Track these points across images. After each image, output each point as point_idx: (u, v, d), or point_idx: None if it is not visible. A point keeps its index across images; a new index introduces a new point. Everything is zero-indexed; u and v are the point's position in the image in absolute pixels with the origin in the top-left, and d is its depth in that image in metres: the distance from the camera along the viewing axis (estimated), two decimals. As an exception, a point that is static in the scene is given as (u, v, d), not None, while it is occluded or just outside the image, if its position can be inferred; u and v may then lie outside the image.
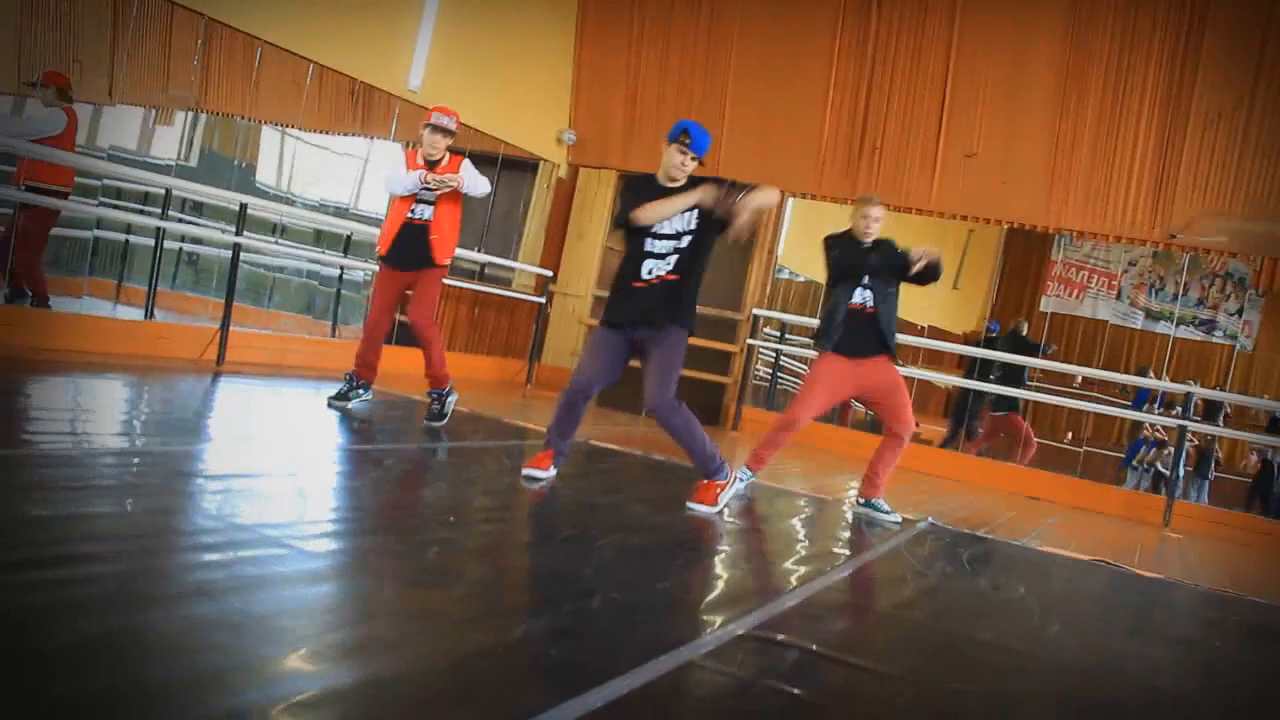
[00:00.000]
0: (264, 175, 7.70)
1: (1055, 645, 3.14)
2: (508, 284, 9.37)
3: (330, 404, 5.22)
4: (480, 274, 8.92)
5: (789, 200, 9.05)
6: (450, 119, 5.18)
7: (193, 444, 3.88)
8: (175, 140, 7.00)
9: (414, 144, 5.39)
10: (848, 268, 4.70)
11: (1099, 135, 7.77)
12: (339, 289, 8.38)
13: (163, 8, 6.15)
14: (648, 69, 9.27)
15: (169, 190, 6.62)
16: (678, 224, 4.05)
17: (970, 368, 9.15)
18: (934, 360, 10.41)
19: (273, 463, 3.78)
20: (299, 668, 1.85)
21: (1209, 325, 10.83)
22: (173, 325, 6.27)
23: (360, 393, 5.30)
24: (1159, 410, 10.04)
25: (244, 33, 6.51)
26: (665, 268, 4.04)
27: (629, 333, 4.09)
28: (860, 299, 4.69)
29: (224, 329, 6.08)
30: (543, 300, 9.32)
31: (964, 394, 9.08)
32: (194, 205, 7.16)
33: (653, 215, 3.99)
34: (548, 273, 9.42)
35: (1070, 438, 11.10)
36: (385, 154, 8.39)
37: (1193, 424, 7.53)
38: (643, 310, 4.04)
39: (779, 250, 9.17)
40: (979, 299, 11.77)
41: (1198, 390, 7.61)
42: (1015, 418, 8.80)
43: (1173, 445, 7.60)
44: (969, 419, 9.11)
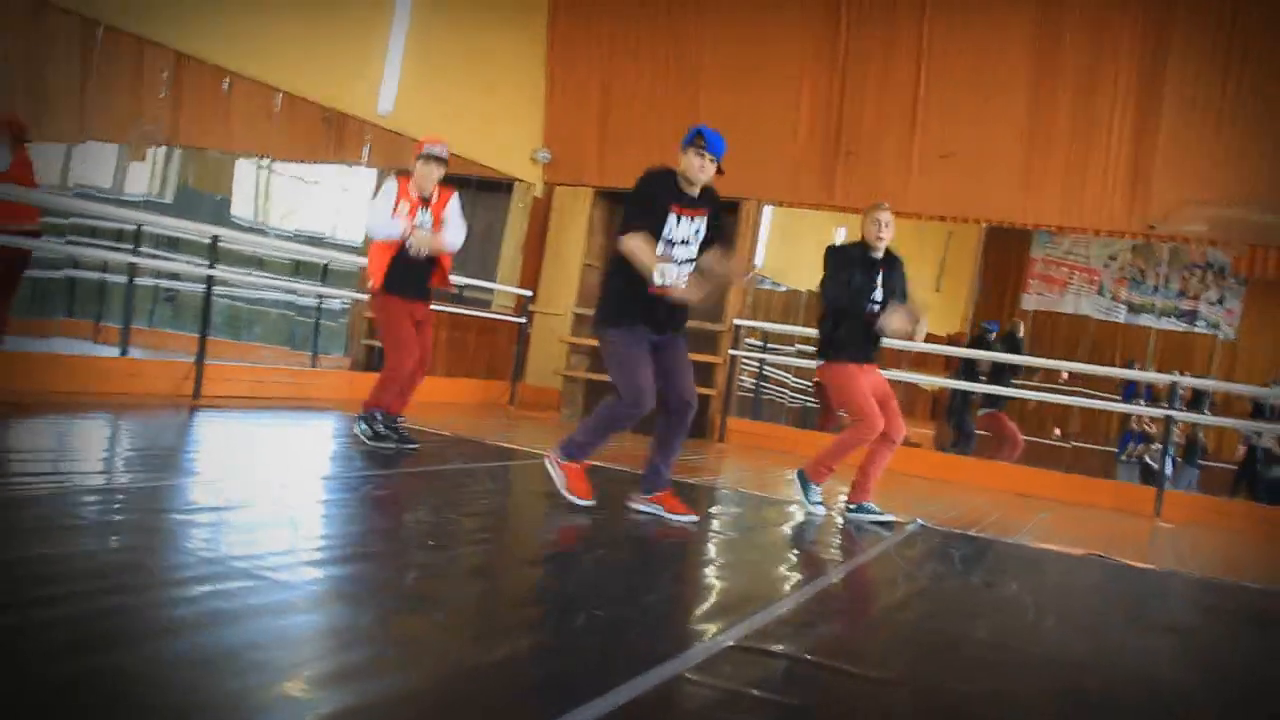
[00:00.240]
0: (240, 208, 7.65)
1: (1051, 640, 3.10)
2: (487, 305, 9.32)
3: (403, 451, 5.10)
4: (459, 296, 8.87)
5: (765, 209, 9.04)
6: (443, 147, 5.12)
7: (164, 479, 3.81)
8: (150, 176, 6.95)
9: (389, 172, 5.32)
10: (859, 294, 4.77)
11: (1073, 129, 7.80)
12: (318, 319, 8.31)
13: (129, 43, 6.10)
14: (619, 84, 9.27)
15: (139, 226, 6.56)
16: (690, 229, 4.02)
17: (962, 369, 9.15)
18: (920, 363, 10.40)
19: (243, 494, 3.71)
20: (276, 700, 1.79)
21: (1190, 316, 10.86)
22: (147, 361, 6.20)
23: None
24: (1145, 403, 10.05)
25: (212, 64, 6.47)
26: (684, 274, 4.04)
27: (654, 339, 4.07)
28: (869, 310, 4.80)
29: (199, 363, 6.01)
30: (523, 320, 9.28)
31: (961, 396, 9.08)
32: (169, 241, 7.09)
33: (644, 266, 3.88)
34: (527, 293, 9.39)
35: (1058, 434, 11.11)
36: (360, 180, 8.36)
37: (1179, 414, 7.53)
38: (675, 317, 4.07)
39: (758, 261, 9.15)
40: (961, 299, 11.78)
41: (1183, 379, 7.62)
42: (1000, 416, 8.78)
43: (1160, 438, 7.59)
44: (966, 419, 9.11)
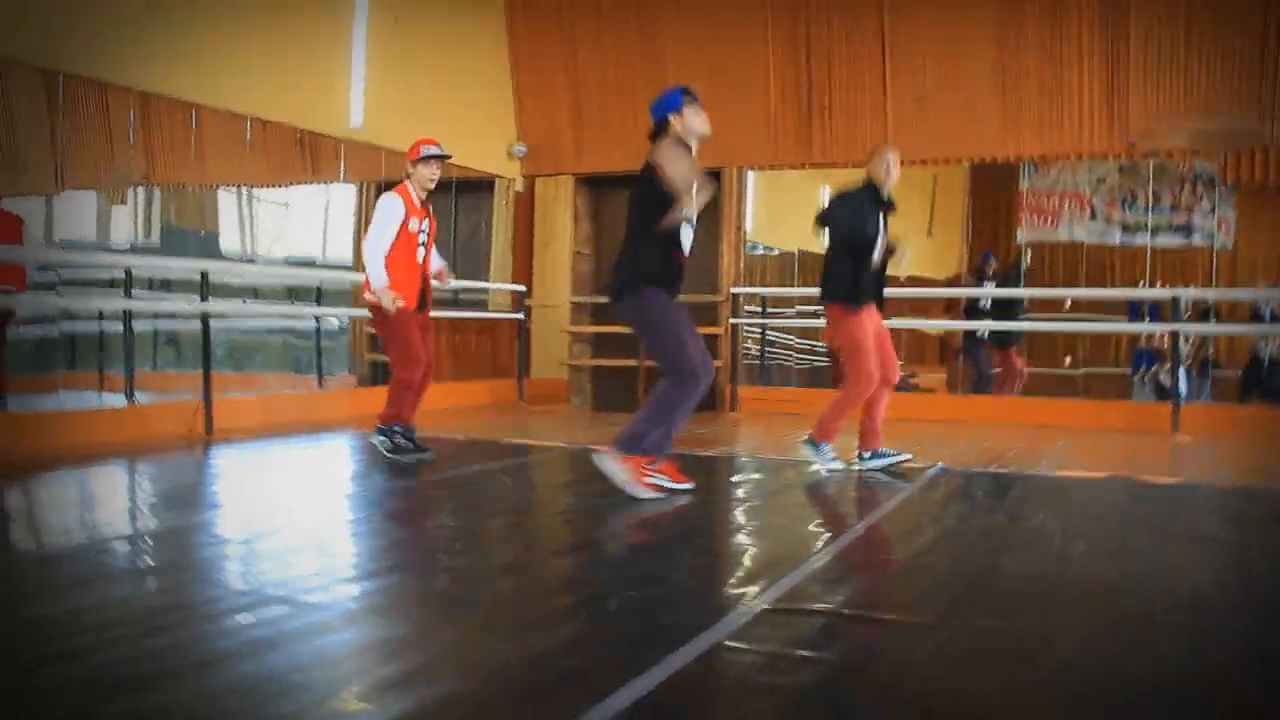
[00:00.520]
0: (227, 240, 7.62)
1: (1082, 567, 3.10)
2: (484, 305, 9.31)
3: (420, 460, 5.08)
4: (455, 300, 8.85)
5: (749, 174, 9.00)
6: (440, 146, 5.13)
7: (188, 517, 3.83)
8: (133, 219, 6.92)
9: (368, 184, 5.31)
10: (869, 238, 4.76)
11: (1043, 56, 7.76)
12: (318, 341, 8.30)
13: (94, 87, 6.08)
14: (586, 66, 9.22)
15: (129, 270, 6.54)
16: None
17: (965, 307, 9.17)
18: (921, 310, 10.37)
19: (267, 522, 3.72)
20: (327, 718, 1.80)
21: (1186, 230, 10.76)
22: (155, 405, 6.20)
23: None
24: (1151, 320, 10.01)
25: (178, 99, 6.45)
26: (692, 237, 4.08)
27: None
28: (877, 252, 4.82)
29: (206, 399, 6.02)
30: (521, 316, 9.27)
31: (972, 335, 9.11)
32: (162, 282, 7.07)
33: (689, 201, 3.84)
34: (521, 288, 9.37)
35: (1069, 362, 11.07)
36: (340, 196, 8.33)
37: (1184, 327, 7.51)
38: (682, 280, 4.07)
39: (747, 227, 9.12)
40: (955, 242, 11.70)
41: (1184, 292, 7.59)
42: (1013, 353, 8.79)
43: (1169, 353, 7.56)
44: (980, 357, 9.14)
